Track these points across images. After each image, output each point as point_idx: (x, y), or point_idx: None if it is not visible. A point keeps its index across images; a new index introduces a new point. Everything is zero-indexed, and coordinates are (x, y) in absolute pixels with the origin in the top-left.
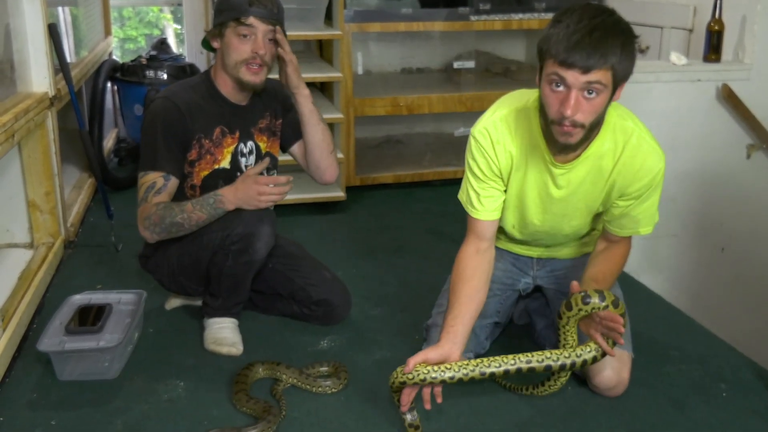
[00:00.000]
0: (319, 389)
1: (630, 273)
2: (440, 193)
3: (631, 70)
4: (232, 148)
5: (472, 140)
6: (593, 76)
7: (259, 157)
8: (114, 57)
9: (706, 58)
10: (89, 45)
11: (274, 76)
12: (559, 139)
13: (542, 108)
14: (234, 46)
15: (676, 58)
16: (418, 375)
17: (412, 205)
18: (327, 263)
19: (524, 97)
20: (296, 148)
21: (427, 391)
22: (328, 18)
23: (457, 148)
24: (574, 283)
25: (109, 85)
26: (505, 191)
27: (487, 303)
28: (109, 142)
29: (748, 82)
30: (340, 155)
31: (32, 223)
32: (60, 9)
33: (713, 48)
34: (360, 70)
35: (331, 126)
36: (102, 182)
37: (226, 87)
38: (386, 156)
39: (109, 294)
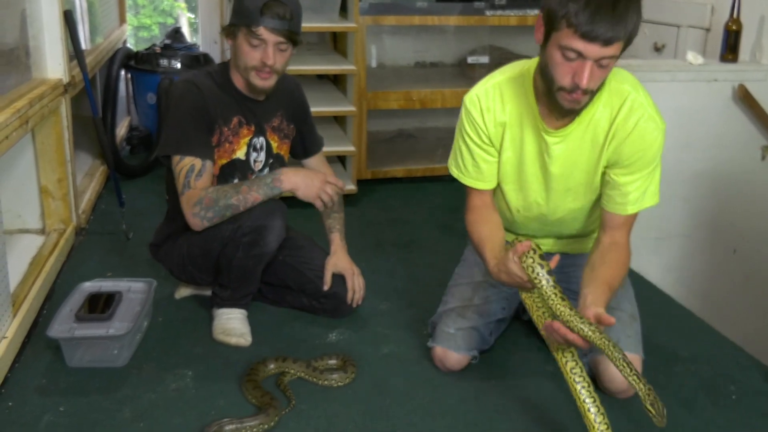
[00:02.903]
0: (326, 382)
1: (640, 273)
2: (451, 189)
3: (636, 32)
4: (247, 140)
5: (463, 108)
6: (611, 49)
7: (269, 155)
8: (128, 45)
9: (723, 58)
10: (104, 32)
11: (296, 70)
12: (566, 105)
13: (544, 72)
14: (244, 51)
15: (693, 57)
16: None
17: (423, 200)
18: None
19: (519, 66)
20: (304, 164)
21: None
22: (343, 10)
23: None
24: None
25: (122, 73)
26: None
27: (491, 303)
28: (121, 130)
29: (765, 83)
30: (352, 148)
31: (44, 209)
32: None
33: (730, 48)
34: (374, 63)
35: (344, 119)
36: (114, 170)
37: (239, 83)
38: (398, 150)
39: (119, 282)
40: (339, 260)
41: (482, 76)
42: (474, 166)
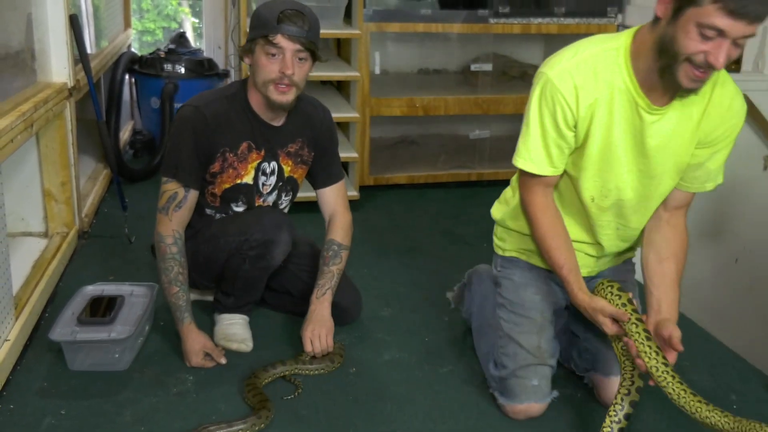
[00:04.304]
0: (307, 372)
1: (642, 282)
2: (454, 195)
3: None
4: (256, 164)
5: (547, 86)
6: (755, 27)
7: (281, 179)
8: (132, 49)
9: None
10: (109, 36)
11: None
12: (688, 84)
13: (667, 47)
14: (262, 64)
15: None
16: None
17: (425, 206)
18: None
19: (602, 41)
20: (319, 193)
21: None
22: (347, 16)
23: (472, 150)
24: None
25: (126, 77)
26: (577, 147)
27: (554, 339)
28: (125, 134)
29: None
30: (354, 155)
31: (47, 212)
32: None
33: None
34: (377, 70)
35: (347, 125)
36: (117, 174)
37: (257, 104)
38: (400, 156)
39: (121, 286)
40: (309, 321)
41: (485, 83)
42: (545, 149)
